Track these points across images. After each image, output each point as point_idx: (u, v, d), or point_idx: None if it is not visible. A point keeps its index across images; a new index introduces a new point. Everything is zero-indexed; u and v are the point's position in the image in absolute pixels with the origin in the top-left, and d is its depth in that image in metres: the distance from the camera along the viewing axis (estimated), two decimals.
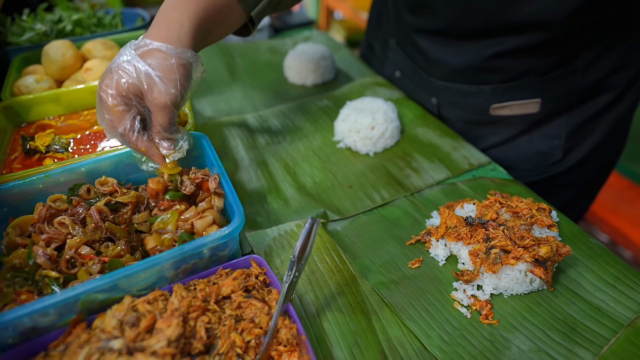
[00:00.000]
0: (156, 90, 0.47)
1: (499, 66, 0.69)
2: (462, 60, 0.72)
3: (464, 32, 0.69)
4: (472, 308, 0.50)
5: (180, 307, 0.42)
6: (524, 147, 0.78)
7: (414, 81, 0.84)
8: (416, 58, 0.80)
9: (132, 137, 0.50)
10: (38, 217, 0.51)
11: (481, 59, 0.70)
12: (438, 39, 0.73)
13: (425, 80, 0.80)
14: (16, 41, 0.89)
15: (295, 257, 0.43)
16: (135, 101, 0.49)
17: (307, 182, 0.70)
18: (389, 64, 0.91)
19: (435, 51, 0.74)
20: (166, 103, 0.48)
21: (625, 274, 0.53)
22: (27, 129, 0.72)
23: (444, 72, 0.75)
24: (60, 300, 0.40)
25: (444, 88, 0.77)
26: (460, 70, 0.72)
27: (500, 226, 0.53)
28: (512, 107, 0.74)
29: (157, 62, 0.47)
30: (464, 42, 0.70)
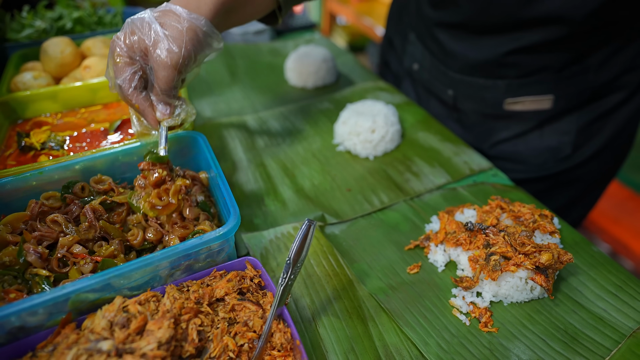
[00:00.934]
0: (160, 48, 0.48)
1: (515, 62, 0.71)
2: (479, 55, 0.73)
3: (483, 26, 0.71)
4: (471, 315, 0.49)
5: (172, 308, 0.41)
6: (535, 141, 0.79)
7: (431, 73, 0.86)
8: (435, 51, 0.82)
9: (128, 90, 0.50)
10: (30, 214, 0.50)
11: (498, 54, 0.71)
12: (457, 33, 0.75)
13: (443, 73, 0.82)
14: (15, 38, 0.88)
15: (291, 260, 0.42)
16: (140, 57, 0.50)
17: (305, 185, 0.70)
18: (407, 57, 0.93)
19: (454, 45, 0.76)
20: (168, 62, 0.48)
21: (628, 283, 0.52)
22: (23, 125, 0.71)
23: (461, 66, 0.77)
24: (50, 299, 0.39)
25: (460, 81, 0.79)
26: (477, 65, 0.74)
27: (500, 232, 0.52)
28: (526, 103, 0.75)
29: (169, 22, 0.49)
30: (483, 37, 0.72)
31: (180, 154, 0.59)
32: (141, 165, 0.50)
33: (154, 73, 0.50)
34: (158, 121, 0.52)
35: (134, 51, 0.49)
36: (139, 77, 0.50)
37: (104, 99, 0.77)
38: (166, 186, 0.50)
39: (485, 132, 0.82)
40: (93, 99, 0.76)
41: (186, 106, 0.53)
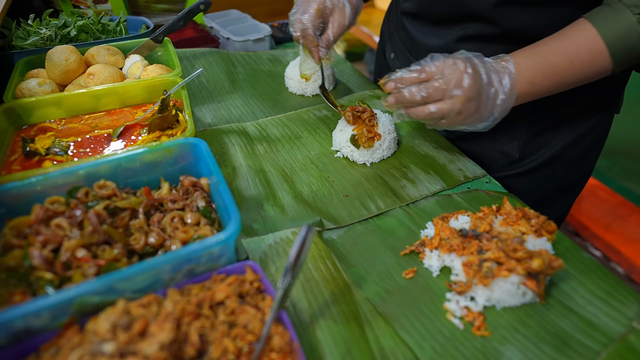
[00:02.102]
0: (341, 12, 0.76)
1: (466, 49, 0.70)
2: (436, 43, 0.80)
3: (435, 16, 0.79)
4: (465, 319, 0.51)
5: (173, 311, 0.42)
6: (487, 142, 0.83)
7: (401, 61, 0.93)
8: (404, 40, 0.90)
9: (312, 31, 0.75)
10: (35, 218, 0.51)
11: (450, 41, 0.78)
12: (418, 23, 0.84)
13: (408, 60, 0.89)
14: (21, 45, 0.90)
15: (290, 264, 0.44)
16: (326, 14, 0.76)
17: (304, 191, 0.71)
18: (388, 47, 1.01)
19: (416, 34, 0.85)
20: (342, 22, 0.76)
21: (617, 288, 0.53)
22: (28, 131, 0.72)
23: (423, 53, 0.76)
24: (54, 302, 0.40)
25: None
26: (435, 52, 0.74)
27: (493, 238, 0.53)
28: None
29: None
30: (437, 26, 0.80)
31: (181, 160, 0.61)
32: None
33: (331, 26, 0.76)
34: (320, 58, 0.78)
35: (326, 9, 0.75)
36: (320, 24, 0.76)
37: (107, 105, 0.79)
38: None
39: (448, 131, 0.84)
40: (96, 106, 0.77)
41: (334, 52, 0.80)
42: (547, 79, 0.63)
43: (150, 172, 0.59)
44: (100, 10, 1.14)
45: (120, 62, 0.88)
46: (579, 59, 0.61)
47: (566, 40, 0.62)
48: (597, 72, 0.63)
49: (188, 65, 1.07)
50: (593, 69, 0.62)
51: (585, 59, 0.61)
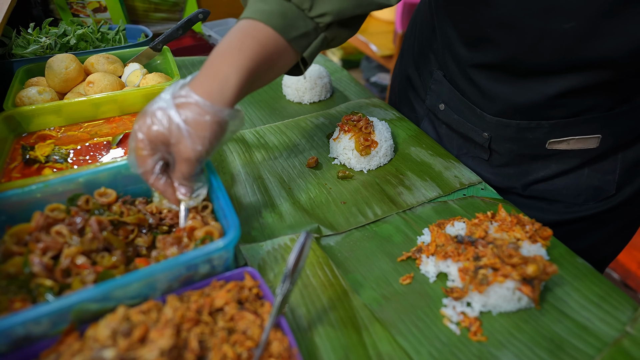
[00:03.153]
0: (183, 144, 0.48)
1: (563, 103, 0.65)
2: (524, 99, 0.67)
3: (529, 68, 0.63)
4: (462, 325, 0.51)
5: (173, 317, 0.43)
6: (576, 181, 0.73)
7: (462, 115, 0.78)
8: (469, 93, 0.74)
9: (151, 179, 0.52)
10: (35, 225, 0.51)
11: (545, 97, 0.64)
12: (497, 75, 0.68)
13: (478, 116, 0.74)
14: (21, 53, 0.91)
15: (289, 271, 0.44)
16: (162, 148, 0.50)
17: (301, 198, 0.72)
18: (431, 96, 0.85)
19: (493, 87, 0.69)
20: (190, 157, 0.49)
21: (610, 293, 0.54)
22: (28, 139, 0.73)
23: (502, 109, 0.70)
24: (54, 309, 0.41)
25: (498, 123, 0.72)
26: (521, 108, 0.68)
27: (489, 244, 0.54)
28: (571, 142, 0.69)
29: (191, 116, 0.47)
30: (528, 79, 0.65)
31: None
32: None
33: (176, 163, 0.51)
34: (178, 201, 0.54)
35: (156, 143, 0.49)
36: (160, 166, 0.52)
37: (106, 113, 0.79)
38: None
39: (519, 172, 0.76)
40: (96, 114, 0.78)
41: (204, 183, 0.55)
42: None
43: None
44: (99, 19, 1.16)
45: (119, 70, 0.89)
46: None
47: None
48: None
49: (187, 73, 1.08)
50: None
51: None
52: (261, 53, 0.52)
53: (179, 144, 0.48)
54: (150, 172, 0.51)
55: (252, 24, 0.52)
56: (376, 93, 2.53)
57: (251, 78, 0.52)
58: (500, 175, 0.78)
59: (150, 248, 0.53)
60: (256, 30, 0.52)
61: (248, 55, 0.50)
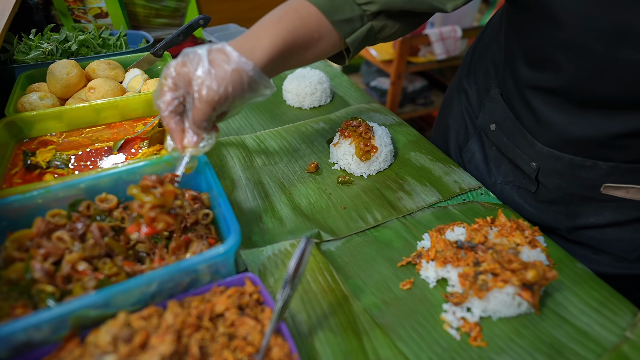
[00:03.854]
0: (204, 84, 0.50)
1: (626, 145, 0.57)
2: (582, 132, 0.60)
3: (590, 98, 0.57)
4: (462, 330, 0.51)
5: (174, 323, 0.43)
6: (632, 234, 0.66)
7: (512, 138, 0.72)
8: (523, 116, 0.69)
9: (165, 112, 0.53)
10: (37, 231, 0.52)
11: (606, 135, 0.57)
12: (556, 101, 0.62)
13: (529, 143, 0.68)
14: (22, 59, 0.91)
15: (289, 276, 0.45)
16: (184, 87, 0.52)
17: (302, 203, 0.72)
18: (484, 113, 0.79)
19: (549, 114, 0.63)
20: (205, 97, 0.50)
21: (610, 299, 0.54)
22: (29, 144, 0.73)
23: (555, 140, 0.64)
24: (55, 315, 0.41)
25: (549, 154, 0.65)
26: (577, 142, 0.61)
27: (489, 250, 0.54)
28: (631, 191, 0.62)
29: (218, 60, 0.50)
30: (589, 110, 0.58)
31: None
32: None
33: (193, 106, 0.52)
34: (182, 147, 0.55)
35: (180, 79, 0.51)
36: (177, 103, 0.53)
37: (107, 119, 0.80)
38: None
39: (567, 213, 0.69)
40: (97, 119, 0.78)
41: (213, 140, 0.56)
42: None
43: None
44: (100, 25, 1.16)
45: (120, 76, 0.89)
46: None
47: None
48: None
49: None
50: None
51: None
52: (301, 27, 0.54)
53: (197, 83, 0.50)
54: (167, 105, 0.52)
55: (298, 1, 0.56)
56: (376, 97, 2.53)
57: (286, 49, 0.53)
58: (545, 212, 0.72)
59: (150, 254, 0.54)
60: (300, 6, 0.55)
61: (286, 26, 0.53)
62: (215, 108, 0.51)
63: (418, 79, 2.55)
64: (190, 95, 0.52)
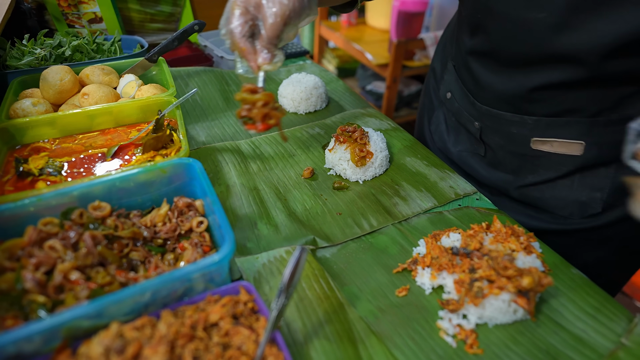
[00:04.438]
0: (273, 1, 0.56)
1: (543, 98, 0.67)
2: (507, 88, 0.70)
3: (511, 57, 0.68)
4: (458, 337, 0.51)
5: (167, 334, 0.42)
6: (564, 192, 0.74)
7: (460, 104, 0.84)
8: (467, 81, 0.80)
9: (239, 35, 0.58)
10: (28, 240, 0.51)
11: (525, 88, 0.68)
12: (488, 63, 0.73)
13: (471, 104, 0.80)
14: (15, 65, 0.91)
15: (284, 285, 0.44)
16: (253, 9, 0.57)
17: (297, 209, 0.72)
18: (443, 85, 0.91)
19: (485, 76, 0.74)
20: (278, 12, 0.56)
21: (605, 304, 0.54)
22: (21, 151, 0.72)
23: (490, 98, 0.75)
24: (46, 326, 0.40)
25: (487, 113, 0.76)
26: (505, 98, 0.71)
27: (484, 256, 0.54)
28: (554, 145, 0.70)
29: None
30: (511, 69, 0.69)
31: (175, 180, 0.61)
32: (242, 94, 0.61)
33: (264, 22, 0.57)
34: (258, 66, 0.60)
35: (249, 3, 0.57)
36: (249, 26, 0.58)
37: (101, 125, 0.79)
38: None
39: (511, 173, 0.78)
40: (91, 126, 0.78)
41: (282, 57, 0.61)
42: None
43: (144, 192, 0.60)
44: (95, 30, 1.16)
45: (114, 81, 0.89)
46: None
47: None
48: None
49: (182, 83, 1.09)
50: None
51: None
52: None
53: (269, 2, 0.56)
54: (239, 27, 0.57)
55: None
56: (372, 101, 2.54)
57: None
58: (495, 175, 0.81)
59: (145, 262, 0.53)
60: None
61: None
62: (286, 22, 0.57)
63: (414, 83, 2.56)
64: (259, 19, 0.58)
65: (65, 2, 1.12)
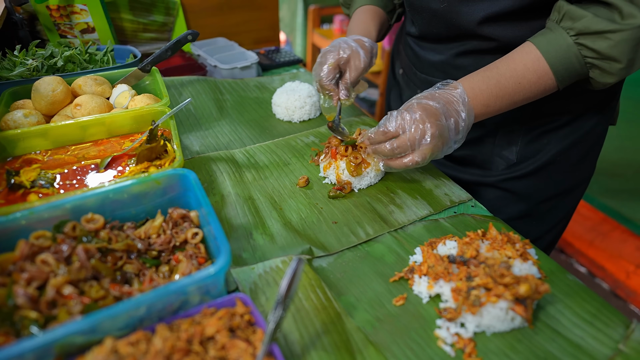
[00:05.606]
0: (356, 57, 0.82)
1: (465, 64, 0.82)
2: (437, 58, 0.88)
3: (435, 36, 0.86)
4: (456, 346, 0.51)
5: (163, 348, 0.42)
6: (487, 148, 0.89)
7: (409, 76, 1.01)
8: (411, 57, 0.98)
9: (327, 81, 0.83)
10: (20, 254, 0.50)
11: (450, 56, 0.85)
12: (420, 42, 0.92)
13: (414, 74, 0.97)
14: (7, 76, 0.90)
15: (281, 297, 0.44)
16: (341, 65, 0.83)
17: (293, 218, 0.71)
18: (397, 64, 1.10)
19: (420, 51, 0.92)
20: (361, 66, 0.83)
21: (602, 310, 0.54)
22: (13, 163, 0.71)
23: (426, 67, 0.92)
24: (38, 344, 0.39)
25: (425, 81, 0.93)
26: (436, 66, 0.88)
27: (481, 264, 0.54)
28: None
29: (360, 42, 0.85)
30: (438, 44, 0.87)
31: (170, 191, 0.61)
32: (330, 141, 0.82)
33: (349, 72, 0.83)
34: (339, 100, 0.84)
35: (341, 60, 0.82)
36: (336, 74, 0.83)
37: (94, 136, 0.78)
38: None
39: None
40: (83, 136, 0.77)
41: (355, 94, 0.87)
42: (499, 100, 0.69)
43: (138, 204, 0.59)
44: (87, 40, 1.15)
45: (107, 92, 0.88)
46: (526, 80, 0.67)
47: (514, 63, 0.68)
48: (543, 90, 0.68)
49: (176, 93, 1.08)
50: (539, 87, 0.68)
51: (531, 80, 0.67)
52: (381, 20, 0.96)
53: (354, 58, 0.82)
54: (330, 81, 0.83)
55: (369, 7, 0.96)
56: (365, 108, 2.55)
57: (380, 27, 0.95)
58: None
59: (139, 275, 0.52)
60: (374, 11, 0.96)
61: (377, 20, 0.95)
62: (364, 71, 0.84)
63: None
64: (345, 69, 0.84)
65: (57, 13, 1.11)
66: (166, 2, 1.28)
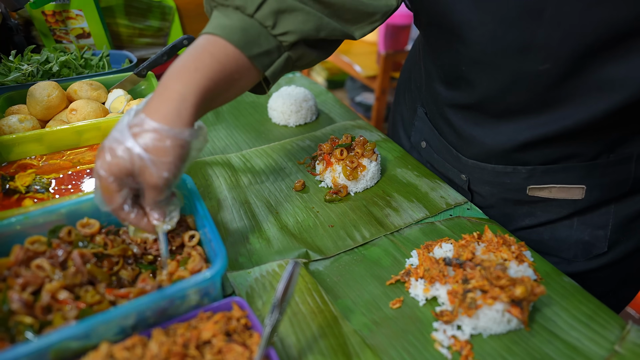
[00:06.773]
0: (148, 173, 0.46)
1: (537, 150, 0.64)
2: (496, 142, 0.65)
3: (503, 108, 0.63)
4: (453, 349, 0.51)
5: (159, 353, 0.41)
6: (564, 232, 0.69)
7: (441, 154, 0.78)
8: (446, 133, 0.74)
9: (122, 214, 0.50)
10: (15, 260, 0.50)
11: (518, 143, 0.63)
12: (472, 116, 0.68)
13: (454, 157, 0.74)
14: (1, 81, 0.89)
15: (277, 301, 0.44)
16: (127, 180, 0.48)
17: (289, 222, 0.71)
18: (415, 132, 0.85)
19: (468, 129, 0.69)
20: (157, 184, 0.47)
21: (598, 312, 0.55)
22: (7, 168, 0.71)
23: (477, 152, 0.69)
24: (33, 349, 0.39)
25: (474, 166, 0.71)
26: (495, 152, 0.67)
27: (477, 266, 0.54)
28: (553, 190, 0.66)
29: (151, 143, 0.45)
30: (502, 121, 0.64)
31: None
32: None
33: (145, 191, 0.49)
34: (154, 228, 0.52)
35: (120, 178, 0.47)
36: (129, 201, 0.50)
37: (89, 140, 0.78)
38: None
39: (505, 216, 0.73)
40: (79, 141, 0.77)
41: (179, 203, 0.54)
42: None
43: None
44: (83, 45, 1.15)
45: (103, 96, 0.88)
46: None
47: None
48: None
49: None
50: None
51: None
52: (220, 71, 0.50)
53: (144, 174, 0.46)
54: (119, 208, 0.49)
55: (212, 39, 0.50)
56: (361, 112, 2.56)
57: (209, 96, 0.49)
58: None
59: (134, 280, 0.52)
60: (215, 47, 0.50)
61: (205, 73, 0.48)
62: (170, 186, 0.49)
63: None
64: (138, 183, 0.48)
65: (53, 18, 1.11)
66: (162, 7, 1.29)
